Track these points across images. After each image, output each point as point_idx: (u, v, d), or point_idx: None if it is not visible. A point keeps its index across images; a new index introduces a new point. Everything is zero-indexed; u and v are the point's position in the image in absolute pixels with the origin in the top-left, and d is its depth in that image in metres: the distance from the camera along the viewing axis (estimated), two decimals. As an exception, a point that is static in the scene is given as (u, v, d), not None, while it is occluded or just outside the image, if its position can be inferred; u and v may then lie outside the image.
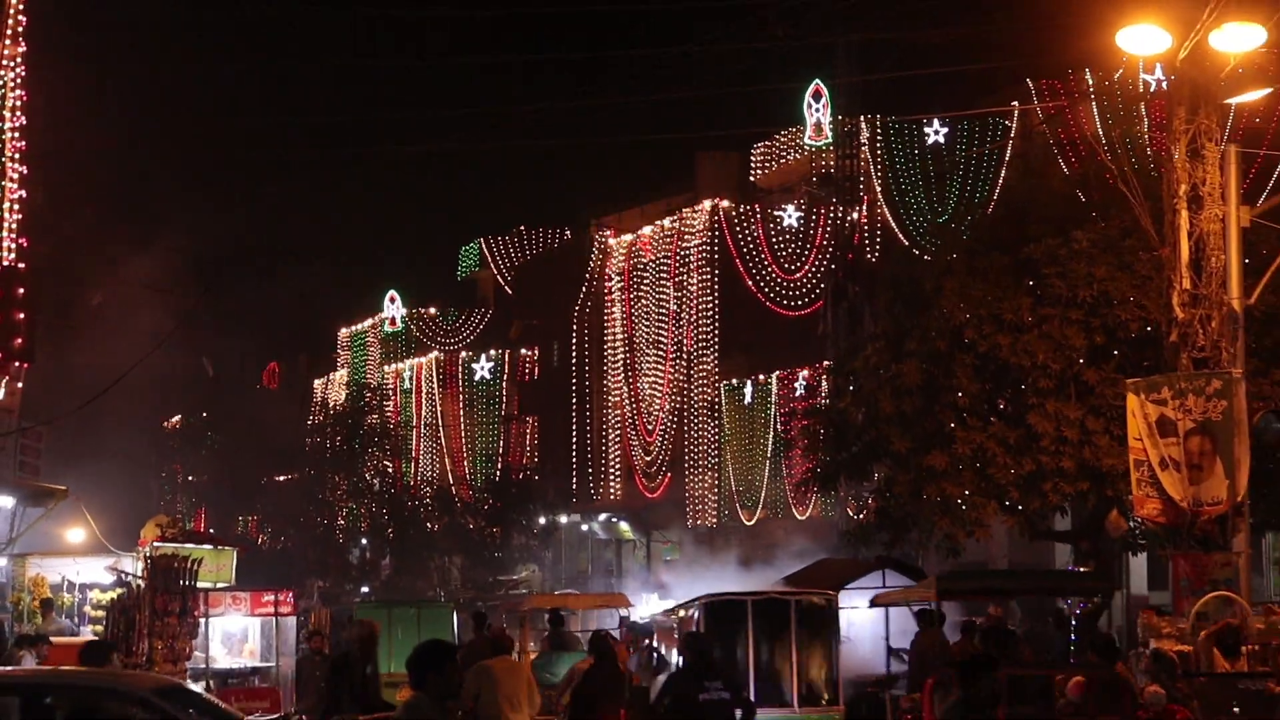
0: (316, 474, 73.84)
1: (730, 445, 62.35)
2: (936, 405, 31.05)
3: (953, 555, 34.23)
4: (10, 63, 23.60)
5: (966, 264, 32.01)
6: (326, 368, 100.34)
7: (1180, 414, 24.26)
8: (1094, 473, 29.63)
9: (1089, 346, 29.92)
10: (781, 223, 62.65)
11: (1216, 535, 24.65)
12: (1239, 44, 23.47)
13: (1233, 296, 24.68)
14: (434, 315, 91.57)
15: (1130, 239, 28.85)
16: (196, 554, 31.09)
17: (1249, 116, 30.45)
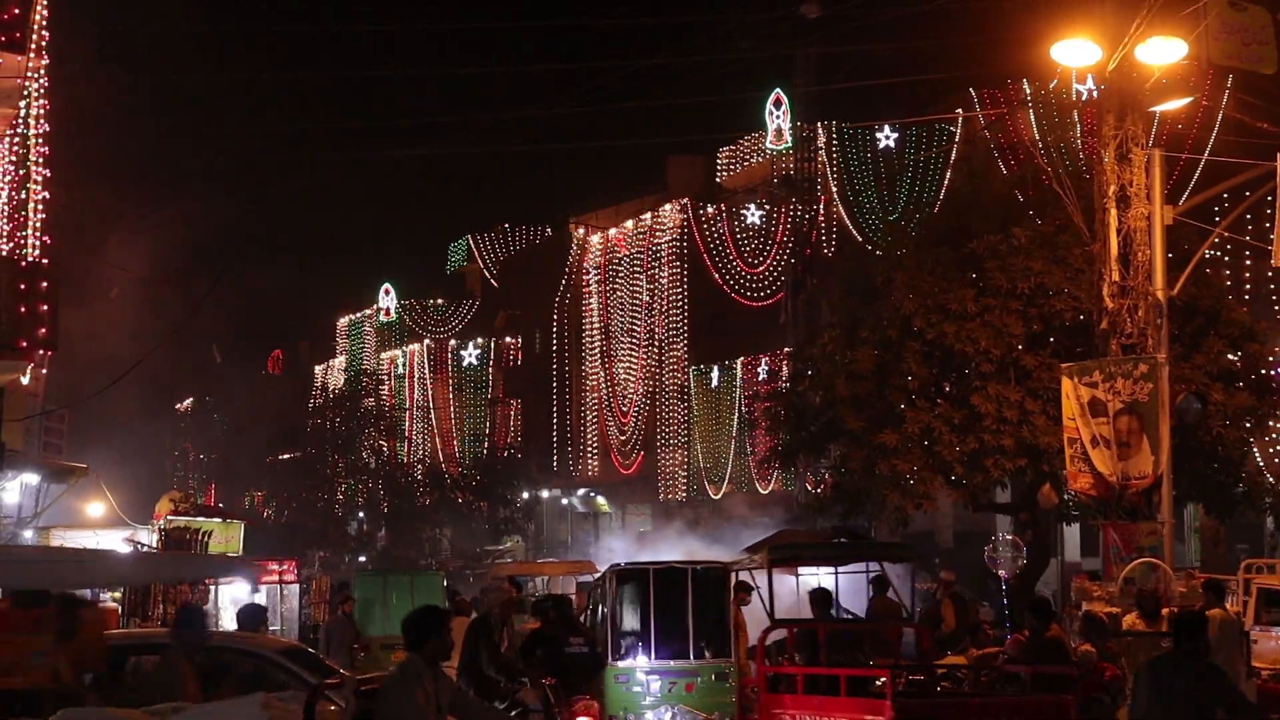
0: (317, 453, 73.74)
1: (698, 425, 62.45)
2: (887, 388, 31.08)
3: (902, 525, 34.28)
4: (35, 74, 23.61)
5: (915, 258, 32.03)
6: (326, 354, 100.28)
7: (1110, 396, 24.36)
8: (1032, 450, 29.69)
9: (1027, 334, 29.97)
10: (745, 221, 62.69)
11: (1143, 507, 24.78)
12: (1163, 56, 23.55)
13: (1157, 288, 24.79)
14: (425, 306, 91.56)
15: (1064, 235, 28.90)
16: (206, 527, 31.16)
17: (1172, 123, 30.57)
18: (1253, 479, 32.97)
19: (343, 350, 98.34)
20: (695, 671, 23.38)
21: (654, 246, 66.79)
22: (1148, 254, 24.75)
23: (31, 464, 31.46)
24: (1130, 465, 24.31)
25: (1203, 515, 38.09)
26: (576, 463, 72.70)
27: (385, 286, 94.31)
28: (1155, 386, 24.04)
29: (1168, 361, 24.80)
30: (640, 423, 67.53)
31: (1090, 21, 24.40)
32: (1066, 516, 33.97)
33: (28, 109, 24.02)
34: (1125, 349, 24.68)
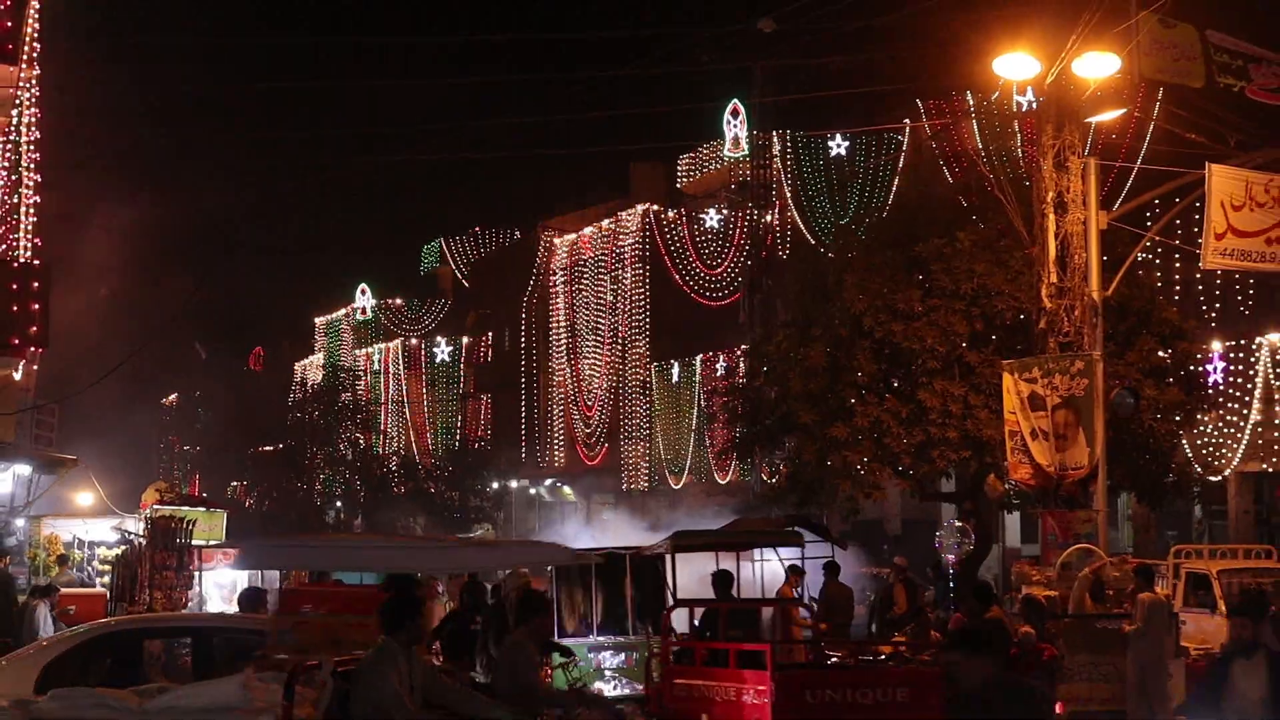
0: (297, 445, 73.60)
1: (660, 419, 62.47)
2: (839, 384, 31.12)
3: (853, 514, 34.36)
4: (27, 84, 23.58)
5: (865, 261, 32.07)
6: (305, 352, 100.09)
7: (1048, 391, 24.47)
8: (975, 442, 29.78)
9: (970, 332, 30.03)
10: (704, 224, 62.74)
11: (1079, 496, 24.91)
12: (1097, 70, 23.66)
13: (1092, 289, 24.92)
14: (400, 305, 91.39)
15: (1005, 239, 28.97)
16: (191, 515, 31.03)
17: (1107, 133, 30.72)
18: (1182, 470, 33.16)
19: (321, 347, 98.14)
20: (634, 647, 23.72)
21: (618, 249, 66.79)
22: (1083, 257, 24.87)
23: (23, 455, 31.36)
24: (1067, 457, 24.43)
25: (1135, 504, 38.23)
26: (543, 454, 72.68)
27: (362, 287, 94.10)
28: (1091, 382, 24.16)
29: (1102, 358, 24.93)
30: (604, 416, 67.54)
31: (1029, 37, 24.52)
32: (1007, 505, 34.12)
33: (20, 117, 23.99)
34: (1062, 347, 24.80)
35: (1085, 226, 24.86)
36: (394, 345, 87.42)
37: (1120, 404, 26.18)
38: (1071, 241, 24.88)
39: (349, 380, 78.59)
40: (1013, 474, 26.05)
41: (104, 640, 14.96)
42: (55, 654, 13.74)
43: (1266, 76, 21.29)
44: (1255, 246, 22.22)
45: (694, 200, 65.54)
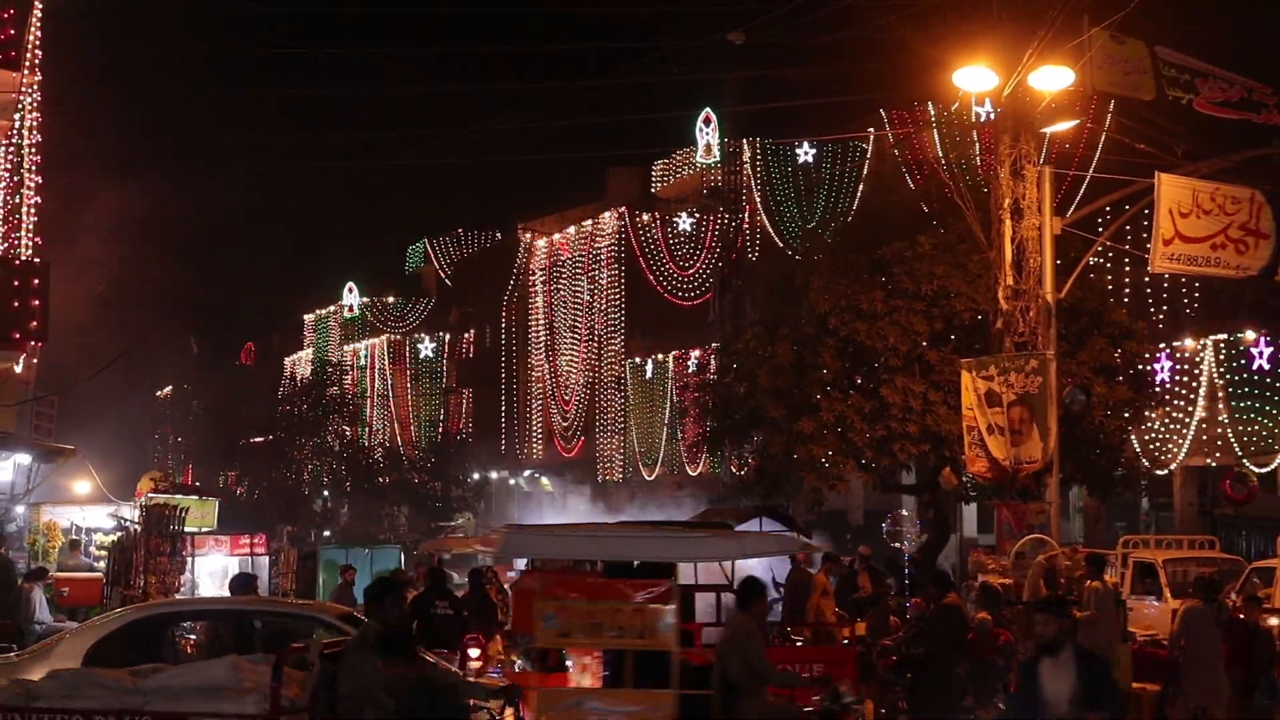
0: (286, 436, 73.37)
1: (634, 413, 62.46)
2: (805, 380, 31.15)
3: (817, 505, 34.44)
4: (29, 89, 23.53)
5: (830, 263, 32.12)
6: (294, 347, 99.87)
7: (1004, 388, 24.54)
8: (934, 436, 29.85)
9: (930, 332, 30.10)
10: (677, 227, 62.73)
11: (1033, 488, 24.98)
12: (1052, 83, 23.73)
13: (1046, 291, 24.99)
14: (386, 303, 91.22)
15: (964, 243, 29.03)
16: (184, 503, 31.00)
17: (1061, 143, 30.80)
18: (1130, 464, 33.31)
19: (310, 343, 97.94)
20: None
21: (594, 250, 66.78)
22: (1038, 261, 24.94)
23: (23, 445, 31.31)
24: (1022, 451, 24.50)
25: (1086, 496, 38.36)
26: (522, 446, 72.65)
27: (349, 285, 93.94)
28: (1044, 380, 24.24)
29: (1055, 358, 25.01)
30: (581, 410, 67.54)
31: (988, 51, 24.58)
32: (965, 497, 34.19)
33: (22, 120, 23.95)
34: (1018, 346, 24.87)
35: (1040, 232, 24.94)
36: (380, 341, 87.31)
37: (1072, 401, 26.28)
38: (1027, 246, 24.96)
39: (336, 375, 78.40)
40: (970, 467, 26.12)
41: (149, 622, 14.99)
42: (102, 634, 13.73)
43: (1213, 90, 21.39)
44: (1201, 252, 22.32)
45: (667, 204, 65.52)
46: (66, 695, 10.32)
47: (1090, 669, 11.49)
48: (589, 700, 12.69)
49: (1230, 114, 21.94)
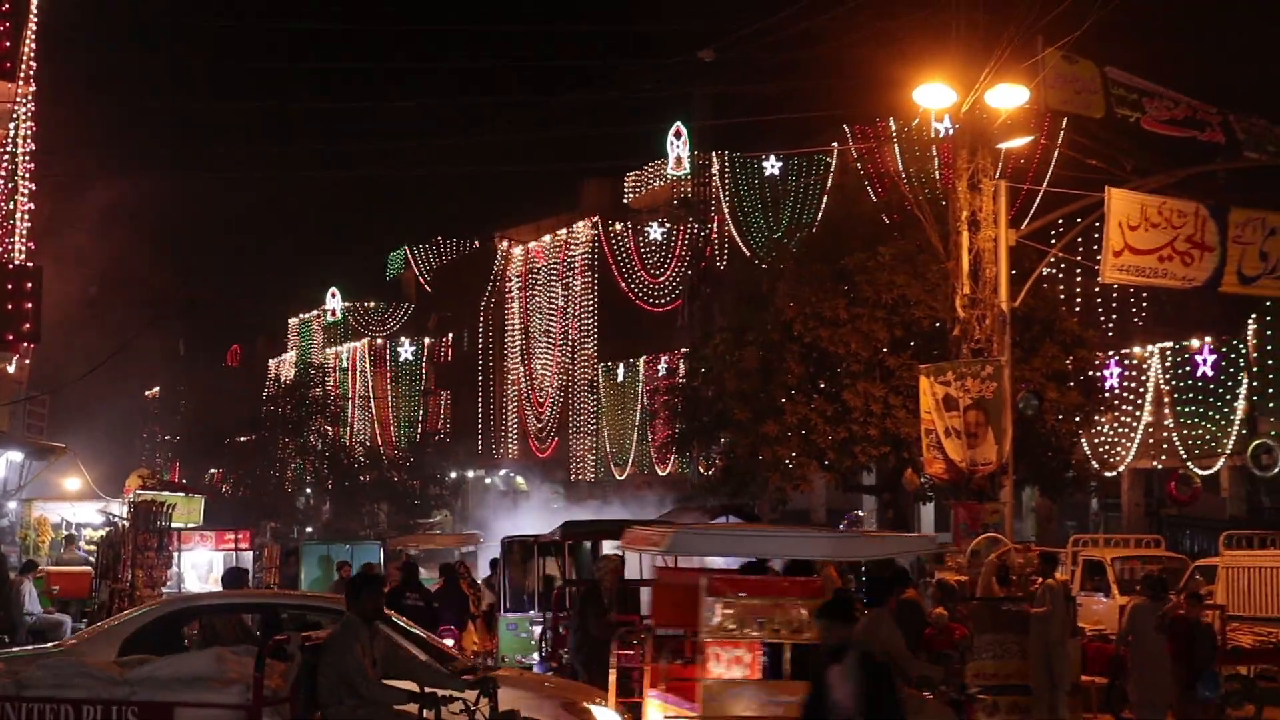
0: (270, 436, 73.20)
1: (606, 415, 62.51)
2: (770, 384, 31.22)
3: (781, 504, 34.49)
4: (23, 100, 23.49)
5: (795, 272, 32.20)
6: (279, 349, 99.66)
7: (961, 393, 24.58)
8: (894, 439, 29.93)
9: (890, 339, 30.18)
10: (649, 237, 62.77)
11: (988, 489, 25.01)
12: (1008, 101, 23.79)
13: (1001, 300, 25.04)
14: (367, 308, 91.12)
15: (923, 254, 29.09)
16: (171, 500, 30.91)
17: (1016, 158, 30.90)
18: (1080, 466, 33.45)
19: (294, 346, 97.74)
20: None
21: (568, 258, 66.81)
22: (994, 271, 24.99)
23: (16, 443, 31.22)
24: (977, 453, 24.55)
25: (1038, 496, 38.50)
26: (498, 446, 72.61)
27: (332, 290, 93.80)
28: (999, 385, 24.30)
29: (1010, 364, 25.06)
30: (555, 412, 67.53)
31: (947, 70, 24.65)
32: (923, 497, 34.29)
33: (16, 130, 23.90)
34: (974, 353, 24.93)
35: (996, 243, 24.99)
36: (361, 345, 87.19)
37: (1026, 406, 26.34)
38: (983, 257, 25.01)
39: (319, 377, 78.23)
40: (928, 469, 26.18)
41: (181, 615, 14.99)
42: (135, 627, 13.70)
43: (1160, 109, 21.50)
44: (1149, 263, 22.41)
45: (639, 214, 65.58)
46: (56, 685, 10.28)
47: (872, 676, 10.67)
48: (751, 690, 13.19)
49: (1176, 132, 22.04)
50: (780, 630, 13.20)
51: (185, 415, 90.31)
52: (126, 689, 10.18)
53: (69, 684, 10.30)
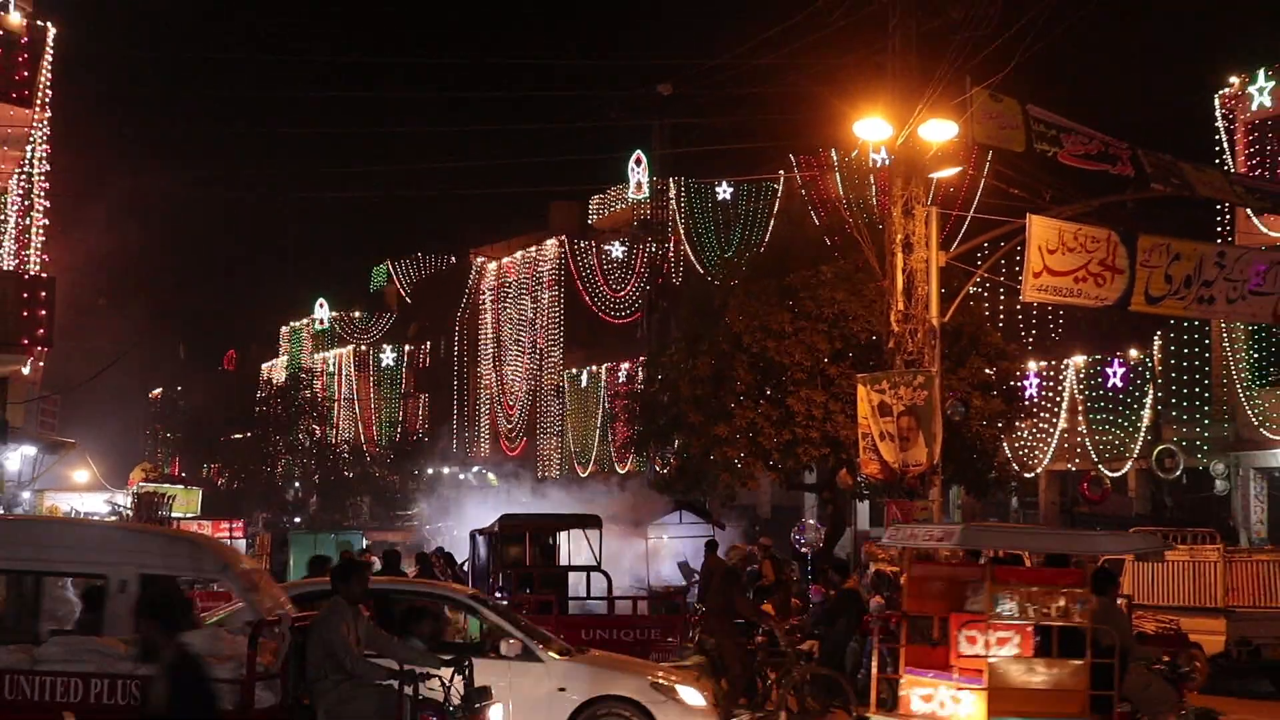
0: (262, 434, 73.01)
1: (570, 418, 62.50)
2: (721, 390, 31.18)
3: (730, 500, 34.48)
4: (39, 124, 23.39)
5: (744, 288, 32.18)
6: (271, 354, 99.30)
7: (894, 400, 24.60)
8: (833, 441, 29.93)
9: (831, 350, 30.18)
10: (611, 255, 62.86)
11: (918, 487, 25.04)
12: (939, 135, 23.84)
13: (932, 316, 25.10)
14: (352, 317, 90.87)
15: (861, 273, 29.10)
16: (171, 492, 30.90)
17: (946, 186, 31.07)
18: (1002, 468, 33.54)
19: (285, 351, 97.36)
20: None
21: (537, 274, 66.80)
22: (925, 289, 25.05)
23: (29, 438, 31.07)
24: (909, 455, 24.58)
25: (964, 495, 38.61)
26: (471, 445, 72.50)
27: (320, 301, 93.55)
28: (929, 393, 24.35)
29: (939, 374, 25.11)
30: (523, 414, 67.49)
31: (884, 106, 24.73)
32: (859, 495, 34.36)
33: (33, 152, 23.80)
34: (907, 363, 24.97)
35: (927, 264, 25.04)
36: (347, 351, 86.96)
37: (953, 412, 26.42)
38: (916, 276, 25.06)
39: (308, 380, 78.15)
40: (864, 469, 26.19)
41: (305, 598, 14.70)
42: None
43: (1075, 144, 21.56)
44: (1065, 284, 22.47)
45: (602, 234, 65.66)
46: (66, 660, 10.24)
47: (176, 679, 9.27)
48: (1026, 665, 13.88)
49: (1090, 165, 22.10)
50: (1049, 613, 13.94)
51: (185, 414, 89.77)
52: (130, 664, 10.13)
53: (79, 659, 10.24)
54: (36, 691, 10.02)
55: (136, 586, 11.35)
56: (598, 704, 14.47)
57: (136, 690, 9.90)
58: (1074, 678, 13.79)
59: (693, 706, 14.98)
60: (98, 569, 11.73)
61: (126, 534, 12.75)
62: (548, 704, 14.31)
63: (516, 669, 14.20)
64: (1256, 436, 35.54)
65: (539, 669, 14.42)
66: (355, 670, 10.39)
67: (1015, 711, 13.82)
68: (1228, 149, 37.42)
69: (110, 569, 11.58)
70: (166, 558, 11.98)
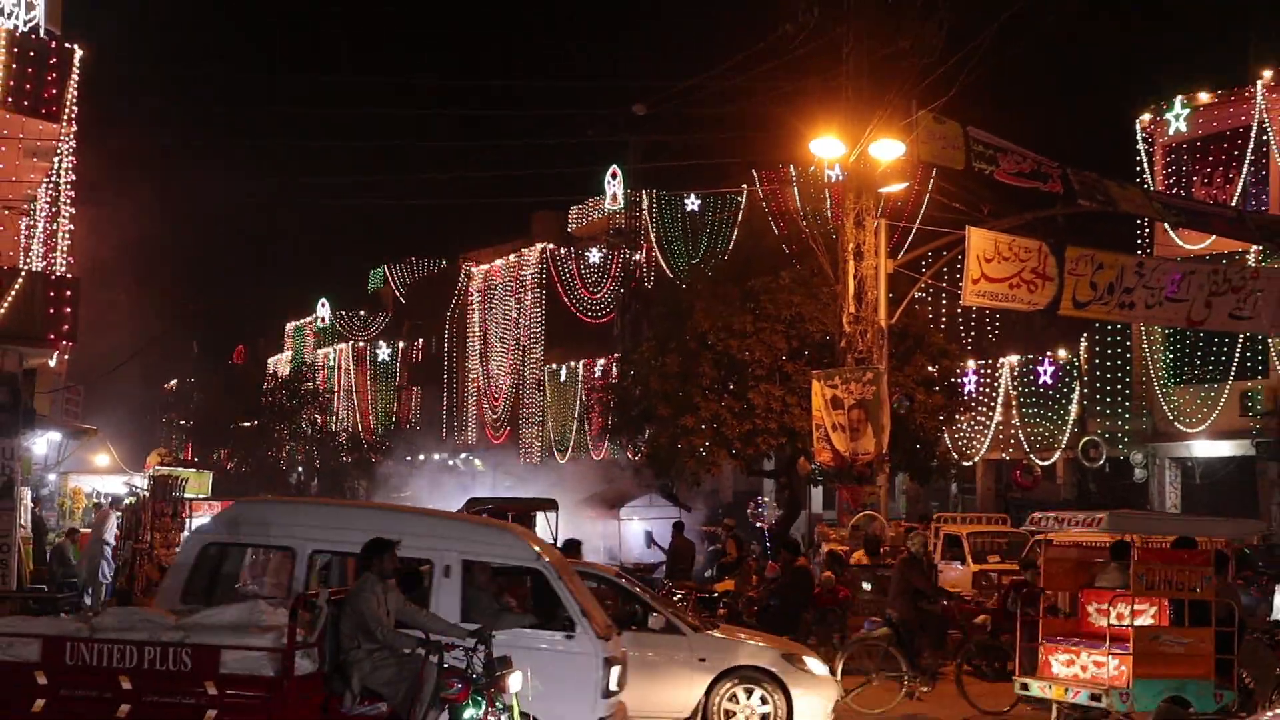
0: (268, 422, 72.72)
1: (551, 409, 62.45)
2: (688, 385, 31.22)
3: (696, 485, 34.53)
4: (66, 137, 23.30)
5: (710, 291, 32.25)
6: (277, 349, 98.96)
7: (846, 395, 24.72)
8: (790, 432, 30.02)
9: (789, 348, 30.29)
10: (589, 260, 62.85)
11: (867, 474, 25.18)
12: (887, 153, 23.95)
13: (881, 318, 25.24)
14: (351, 316, 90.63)
15: (817, 278, 29.22)
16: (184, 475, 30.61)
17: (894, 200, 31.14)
18: (943, 457, 33.71)
19: (289, 347, 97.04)
20: None
21: (521, 277, 66.71)
22: (875, 294, 25.18)
23: (55, 425, 30.96)
24: (859, 445, 24.71)
25: (908, 481, 38.78)
26: (460, 434, 72.38)
27: (322, 301, 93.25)
28: (877, 389, 24.47)
29: (886, 371, 25.26)
30: (507, 406, 67.40)
31: (838, 126, 24.82)
32: (813, 480, 34.46)
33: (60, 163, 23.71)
34: (858, 361, 25.09)
35: (876, 271, 25.19)
36: (346, 347, 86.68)
37: (899, 406, 26.55)
38: (866, 282, 25.19)
39: (310, 373, 77.85)
40: (818, 457, 26.32)
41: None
42: None
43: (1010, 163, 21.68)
44: (1001, 290, 22.61)
45: (581, 241, 65.64)
46: (122, 629, 10.22)
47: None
48: (1164, 633, 14.58)
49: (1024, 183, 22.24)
50: (1181, 588, 14.55)
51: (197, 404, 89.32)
52: (180, 633, 10.11)
53: (133, 628, 10.22)
54: (95, 657, 10.01)
55: (459, 570, 11.87)
56: (735, 673, 14.66)
57: (186, 657, 9.87)
58: (1202, 644, 14.51)
59: (819, 676, 15.22)
60: (425, 554, 12.09)
61: (452, 523, 12.99)
62: (690, 672, 14.56)
63: (662, 641, 14.54)
64: (1171, 429, 35.75)
65: (682, 641, 14.69)
66: (385, 640, 10.41)
67: (1156, 674, 14.47)
68: (1147, 169, 37.62)
69: (436, 554, 11.99)
70: (488, 545, 12.35)
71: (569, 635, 12.01)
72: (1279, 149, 34.88)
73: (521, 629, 11.99)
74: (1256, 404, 33.62)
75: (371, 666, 10.42)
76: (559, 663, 11.88)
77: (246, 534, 12.69)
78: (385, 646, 10.45)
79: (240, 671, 9.83)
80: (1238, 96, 35.93)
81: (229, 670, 9.83)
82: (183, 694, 9.85)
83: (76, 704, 9.96)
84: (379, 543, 10.85)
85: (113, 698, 9.92)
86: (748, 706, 14.64)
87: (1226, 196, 35.33)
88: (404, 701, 10.32)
